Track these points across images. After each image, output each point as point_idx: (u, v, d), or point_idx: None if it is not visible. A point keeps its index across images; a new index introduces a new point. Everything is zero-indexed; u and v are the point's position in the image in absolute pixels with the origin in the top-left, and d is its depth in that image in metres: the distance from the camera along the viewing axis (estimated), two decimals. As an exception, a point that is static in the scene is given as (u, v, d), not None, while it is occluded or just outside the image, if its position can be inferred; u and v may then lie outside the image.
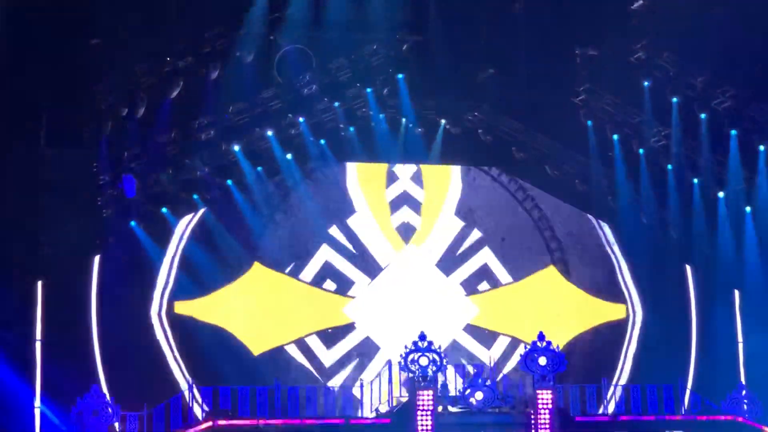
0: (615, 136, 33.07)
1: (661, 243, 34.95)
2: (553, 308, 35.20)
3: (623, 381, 34.73)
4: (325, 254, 34.22)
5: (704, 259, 34.61)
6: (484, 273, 35.06)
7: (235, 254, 33.39)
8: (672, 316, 35.73)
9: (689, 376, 34.90)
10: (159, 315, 32.56)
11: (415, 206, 34.98)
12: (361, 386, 30.71)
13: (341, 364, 33.82)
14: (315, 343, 33.82)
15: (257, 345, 33.35)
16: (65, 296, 30.89)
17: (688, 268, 35.79)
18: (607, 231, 35.82)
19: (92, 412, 28.24)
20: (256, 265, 33.74)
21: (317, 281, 34.08)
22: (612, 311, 35.78)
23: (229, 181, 32.28)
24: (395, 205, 34.87)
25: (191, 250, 32.88)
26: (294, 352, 33.69)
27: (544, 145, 33.74)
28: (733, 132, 32.02)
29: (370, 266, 34.45)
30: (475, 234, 35.19)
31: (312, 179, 34.35)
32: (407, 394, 29.08)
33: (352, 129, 32.90)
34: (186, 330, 32.72)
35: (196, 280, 32.88)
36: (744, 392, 32.06)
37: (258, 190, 32.97)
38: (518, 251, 35.48)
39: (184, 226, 32.89)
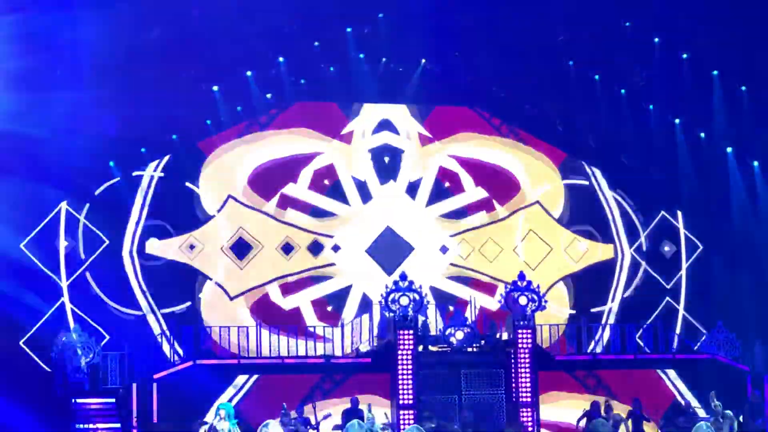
0: (596, 77, 32.99)
1: (646, 184, 34.99)
2: (538, 248, 35.23)
3: (610, 321, 34.84)
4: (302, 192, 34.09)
5: (691, 201, 34.70)
6: (467, 211, 34.95)
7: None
8: (660, 258, 35.93)
9: (678, 318, 35.19)
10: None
11: (396, 148, 34.88)
12: (342, 326, 30.82)
13: (321, 305, 33.75)
14: (295, 285, 33.70)
15: (234, 288, 33.34)
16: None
17: (679, 213, 35.85)
18: (596, 171, 35.72)
19: (74, 350, 28.29)
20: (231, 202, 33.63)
21: (296, 219, 33.92)
22: (600, 252, 35.84)
23: (207, 121, 32.23)
24: (376, 147, 34.78)
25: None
26: (275, 293, 33.63)
27: (525, 84, 33.62)
28: (715, 72, 32.04)
29: (350, 203, 34.32)
30: (463, 174, 35.07)
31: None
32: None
33: (332, 68, 32.71)
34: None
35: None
36: (722, 332, 32.35)
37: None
38: (505, 189, 35.37)
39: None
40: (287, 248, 33.53)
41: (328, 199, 34.13)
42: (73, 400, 27.16)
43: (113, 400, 27.88)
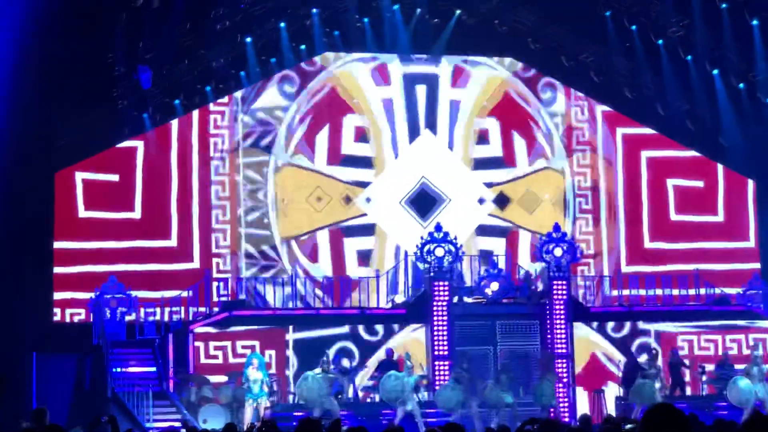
0: (633, 27, 32.64)
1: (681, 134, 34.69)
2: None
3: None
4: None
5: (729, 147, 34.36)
6: (504, 161, 34.76)
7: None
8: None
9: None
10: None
11: (432, 97, 34.70)
12: (377, 277, 30.77)
13: (355, 256, 33.69)
14: (328, 236, 33.66)
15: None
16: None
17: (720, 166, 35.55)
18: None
19: (110, 302, 28.45)
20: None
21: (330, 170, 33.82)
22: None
23: (242, 73, 32.03)
24: (412, 98, 34.59)
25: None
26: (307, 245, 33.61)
27: (560, 35, 33.35)
28: (755, 22, 31.63)
29: (384, 155, 34.21)
30: (494, 124, 34.87)
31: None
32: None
33: (366, 20, 32.51)
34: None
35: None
36: (759, 284, 32.19)
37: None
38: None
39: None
40: (319, 199, 33.47)
41: (362, 148, 33.97)
42: (109, 350, 27.29)
43: (149, 350, 28.03)
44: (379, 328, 32.08)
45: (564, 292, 29.65)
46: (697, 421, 15.60)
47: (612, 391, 31.21)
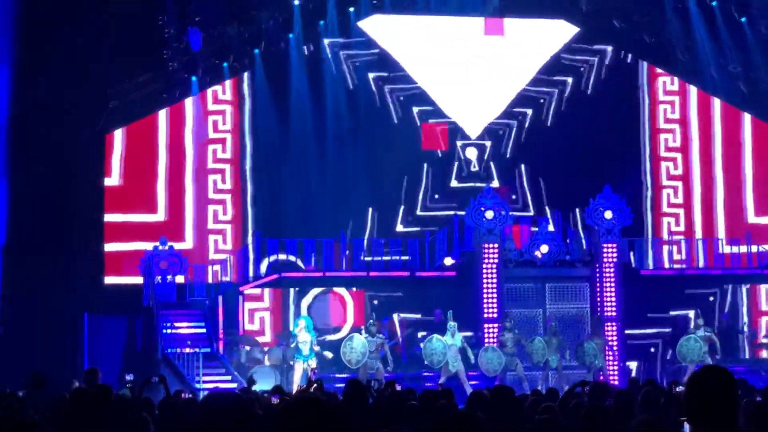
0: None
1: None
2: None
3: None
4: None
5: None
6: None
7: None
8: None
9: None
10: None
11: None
12: (427, 240, 30.63)
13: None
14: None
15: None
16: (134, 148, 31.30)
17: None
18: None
19: (160, 262, 28.59)
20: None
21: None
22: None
23: (290, 35, 31.99)
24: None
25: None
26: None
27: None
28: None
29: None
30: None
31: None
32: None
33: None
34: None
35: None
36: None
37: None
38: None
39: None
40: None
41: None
42: (159, 312, 27.47)
43: (199, 312, 28.20)
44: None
45: (614, 254, 29.48)
46: (746, 385, 15.49)
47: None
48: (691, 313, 30.87)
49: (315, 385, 16.18)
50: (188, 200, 32.12)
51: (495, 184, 33.16)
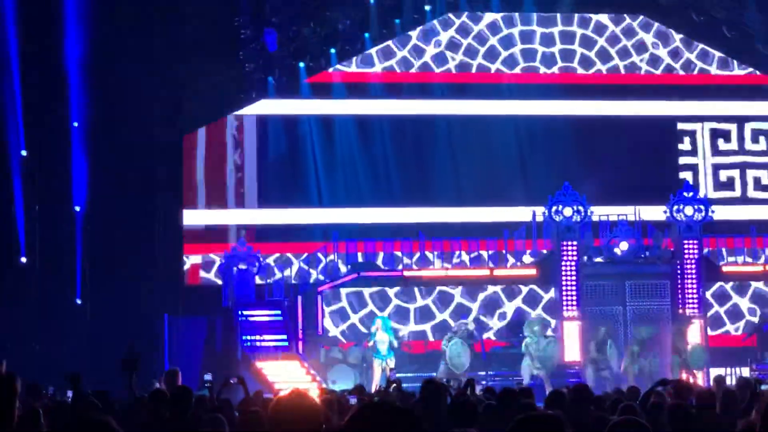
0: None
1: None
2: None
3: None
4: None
5: None
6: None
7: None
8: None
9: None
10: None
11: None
12: (505, 236, 30.43)
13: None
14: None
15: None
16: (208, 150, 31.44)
17: None
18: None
19: (239, 263, 28.68)
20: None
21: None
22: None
23: (366, 35, 31.97)
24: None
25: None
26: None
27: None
28: None
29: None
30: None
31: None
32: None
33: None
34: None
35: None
36: None
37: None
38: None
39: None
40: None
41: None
42: (239, 312, 27.58)
43: (279, 312, 28.25)
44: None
45: (695, 251, 29.12)
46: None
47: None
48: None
49: (394, 384, 16.09)
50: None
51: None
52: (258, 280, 29.06)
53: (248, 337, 27.22)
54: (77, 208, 27.71)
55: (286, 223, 32.24)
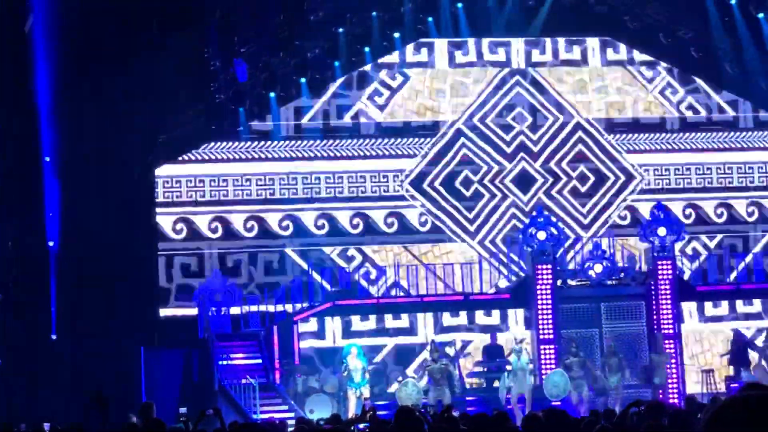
0: (733, 1, 32.02)
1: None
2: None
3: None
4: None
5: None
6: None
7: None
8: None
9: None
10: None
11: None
12: (480, 263, 30.59)
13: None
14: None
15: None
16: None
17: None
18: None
19: (215, 295, 28.67)
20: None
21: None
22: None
23: (336, 63, 32.02)
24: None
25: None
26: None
27: (659, 12, 32.83)
28: None
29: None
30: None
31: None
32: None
33: (460, 5, 32.33)
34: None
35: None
36: None
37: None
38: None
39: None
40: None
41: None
42: (216, 344, 27.53)
43: (255, 342, 28.21)
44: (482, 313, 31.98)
45: (669, 271, 29.25)
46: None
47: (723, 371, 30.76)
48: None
49: (370, 413, 16.07)
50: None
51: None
52: (234, 310, 29.05)
53: (225, 363, 27.17)
54: (51, 243, 27.62)
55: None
